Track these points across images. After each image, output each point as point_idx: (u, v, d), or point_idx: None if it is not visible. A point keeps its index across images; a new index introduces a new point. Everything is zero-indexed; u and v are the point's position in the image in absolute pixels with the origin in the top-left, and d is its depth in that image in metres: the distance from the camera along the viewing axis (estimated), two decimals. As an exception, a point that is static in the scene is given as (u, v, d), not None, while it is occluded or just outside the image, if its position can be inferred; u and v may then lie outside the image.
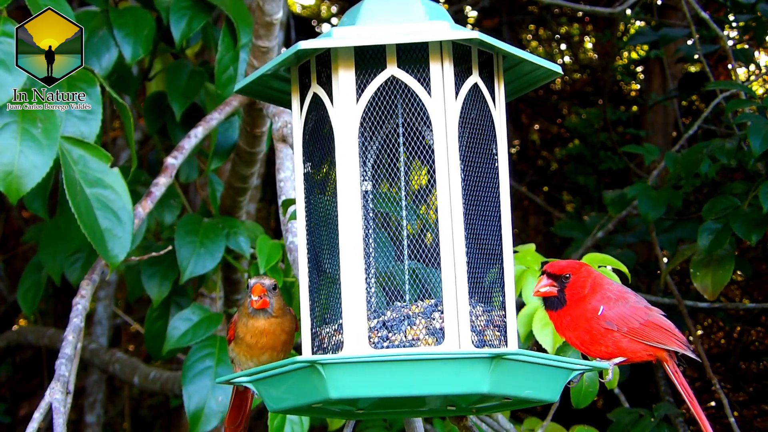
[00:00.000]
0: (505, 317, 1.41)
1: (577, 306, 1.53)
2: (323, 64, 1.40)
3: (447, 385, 1.26)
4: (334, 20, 6.26)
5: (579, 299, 1.53)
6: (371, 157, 1.40)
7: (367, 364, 1.26)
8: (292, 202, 2.08)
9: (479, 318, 1.36)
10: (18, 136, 1.95)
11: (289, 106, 1.48)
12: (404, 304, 1.36)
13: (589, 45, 6.63)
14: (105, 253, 2.08)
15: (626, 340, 1.52)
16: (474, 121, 1.40)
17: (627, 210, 3.50)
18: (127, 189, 2.11)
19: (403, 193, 1.38)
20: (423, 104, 1.36)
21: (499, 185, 1.43)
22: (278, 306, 1.60)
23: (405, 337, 1.33)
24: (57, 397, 1.90)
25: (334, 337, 1.36)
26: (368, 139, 1.40)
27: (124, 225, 2.09)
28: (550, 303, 1.55)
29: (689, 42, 4.00)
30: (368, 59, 1.37)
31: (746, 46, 3.85)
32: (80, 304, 2.12)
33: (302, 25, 5.80)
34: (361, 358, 1.27)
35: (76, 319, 2.09)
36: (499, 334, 1.39)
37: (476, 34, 1.34)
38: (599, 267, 1.92)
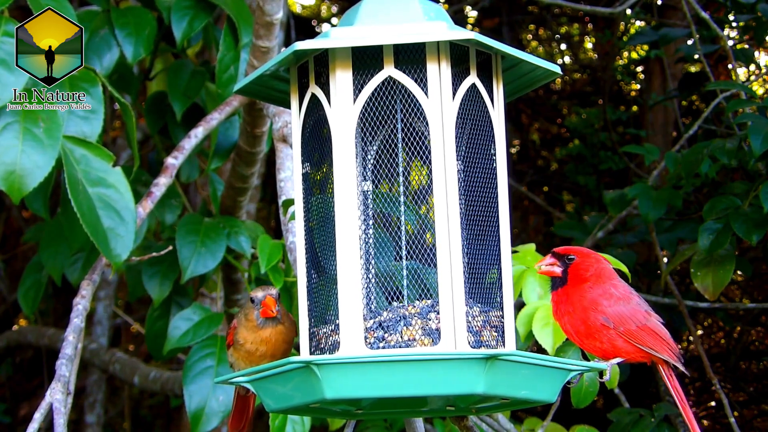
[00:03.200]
0: (502, 318, 1.41)
1: (578, 291, 1.52)
2: (321, 64, 1.40)
3: (442, 385, 1.26)
4: (334, 20, 6.26)
5: (581, 280, 1.53)
6: (369, 157, 1.40)
7: (363, 364, 1.26)
8: (292, 202, 2.08)
9: (476, 318, 1.36)
10: (20, 136, 1.95)
11: (289, 106, 1.48)
12: (401, 304, 1.36)
13: (589, 45, 6.63)
14: (108, 253, 2.08)
15: (621, 340, 1.52)
16: (472, 121, 1.40)
17: (627, 210, 3.50)
18: (129, 188, 2.12)
19: (401, 194, 1.38)
20: (420, 105, 1.36)
21: (497, 185, 1.43)
22: (283, 312, 1.64)
23: (401, 337, 1.34)
24: (58, 397, 1.90)
25: (331, 338, 1.37)
26: (366, 139, 1.40)
27: (127, 224, 2.09)
28: (553, 283, 1.55)
29: (689, 42, 4.00)
30: (365, 60, 1.37)
31: (746, 46, 3.85)
32: (81, 304, 2.12)
33: (302, 25, 5.80)
34: (356, 359, 1.27)
35: (77, 319, 2.09)
36: (496, 334, 1.39)
37: (473, 35, 1.34)
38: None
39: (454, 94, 1.36)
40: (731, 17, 3.77)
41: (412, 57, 1.36)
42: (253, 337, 1.63)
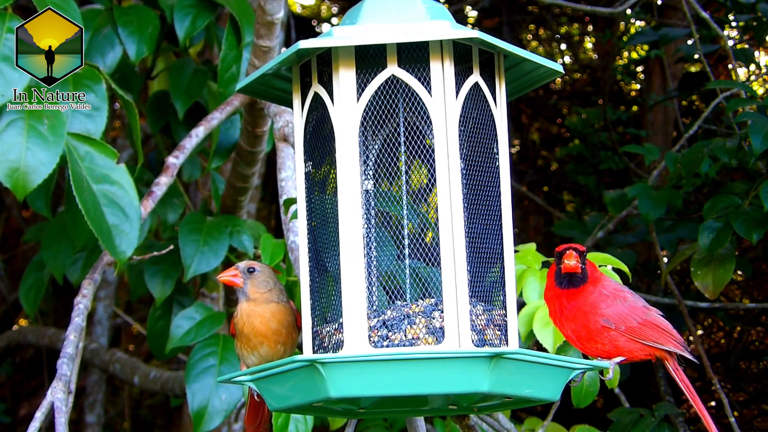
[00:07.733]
0: (505, 316, 1.42)
1: (579, 295, 1.53)
2: (324, 63, 1.40)
3: (446, 384, 1.27)
4: (334, 20, 6.26)
5: (593, 280, 1.53)
6: (372, 156, 1.40)
7: (367, 363, 1.26)
8: (293, 201, 2.09)
9: (480, 317, 1.37)
10: (24, 133, 1.96)
11: (290, 105, 1.48)
12: (404, 303, 1.36)
13: (589, 45, 6.63)
14: (112, 249, 2.08)
15: (623, 339, 1.52)
16: (475, 120, 1.41)
17: (627, 210, 3.51)
18: (133, 185, 2.12)
19: (404, 192, 1.38)
20: (423, 103, 1.36)
21: (499, 184, 1.43)
22: (255, 290, 1.61)
23: (405, 336, 1.34)
24: (59, 396, 1.90)
25: (334, 336, 1.37)
26: (369, 138, 1.40)
27: (132, 221, 2.09)
28: (574, 280, 1.54)
29: (689, 42, 4.00)
30: (369, 58, 1.37)
31: (746, 46, 3.86)
32: (82, 304, 2.12)
33: (302, 25, 5.80)
34: (360, 357, 1.27)
35: (78, 319, 2.09)
36: (499, 333, 1.40)
37: (477, 34, 1.34)
38: (600, 267, 1.93)
39: (457, 92, 1.36)
40: (731, 17, 3.78)
41: (415, 56, 1.36)
42: (236, 316, 1.62)
